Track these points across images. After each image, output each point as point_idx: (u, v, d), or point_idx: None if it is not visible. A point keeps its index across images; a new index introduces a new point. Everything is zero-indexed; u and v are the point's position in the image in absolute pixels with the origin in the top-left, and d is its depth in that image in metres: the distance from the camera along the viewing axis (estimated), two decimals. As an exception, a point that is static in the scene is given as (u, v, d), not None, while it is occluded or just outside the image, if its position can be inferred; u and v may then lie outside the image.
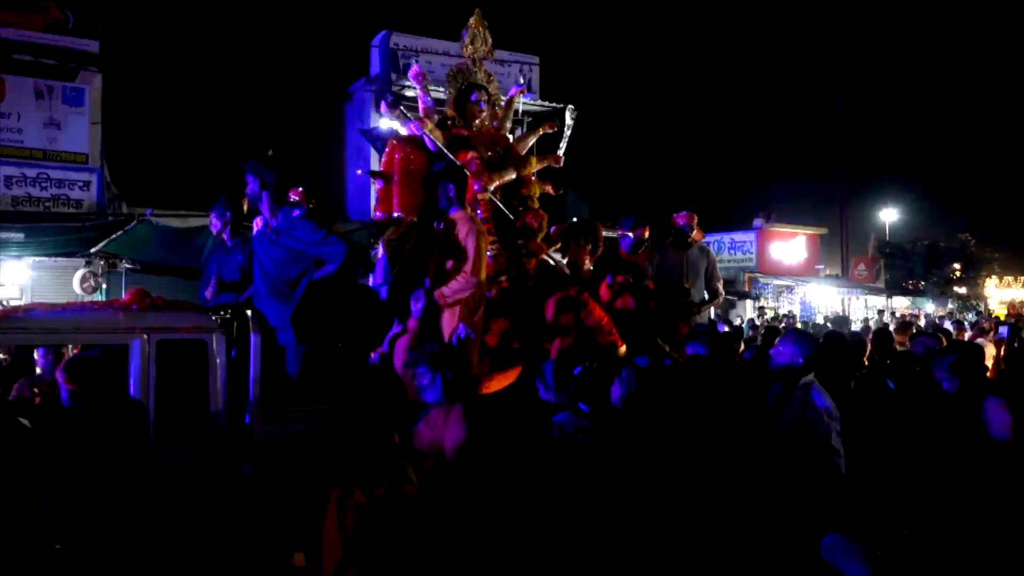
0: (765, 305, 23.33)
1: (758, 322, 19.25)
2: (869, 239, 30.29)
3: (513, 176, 5.73)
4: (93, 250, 12.81)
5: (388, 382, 4.45)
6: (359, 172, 5.79)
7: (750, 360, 5.05)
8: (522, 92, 6.35)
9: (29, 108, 14.14)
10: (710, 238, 26.56)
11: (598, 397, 3.97)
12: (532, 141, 6.38)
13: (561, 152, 6.22)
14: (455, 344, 4.49)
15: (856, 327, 15.66)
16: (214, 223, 5.38)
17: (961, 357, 3.94)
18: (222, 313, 4.80)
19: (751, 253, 25.55)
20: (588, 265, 5.91)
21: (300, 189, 5.55)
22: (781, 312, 21.69)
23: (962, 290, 28.61)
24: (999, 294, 29.34)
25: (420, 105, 5.61)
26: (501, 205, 5.55)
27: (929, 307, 26.57)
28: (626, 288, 5.72)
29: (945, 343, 6.00)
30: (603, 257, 6.07)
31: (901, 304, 26.76)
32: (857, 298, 26.34)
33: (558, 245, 6.08)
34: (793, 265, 26.03)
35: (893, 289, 27.88)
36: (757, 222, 25.83)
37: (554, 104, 20.04)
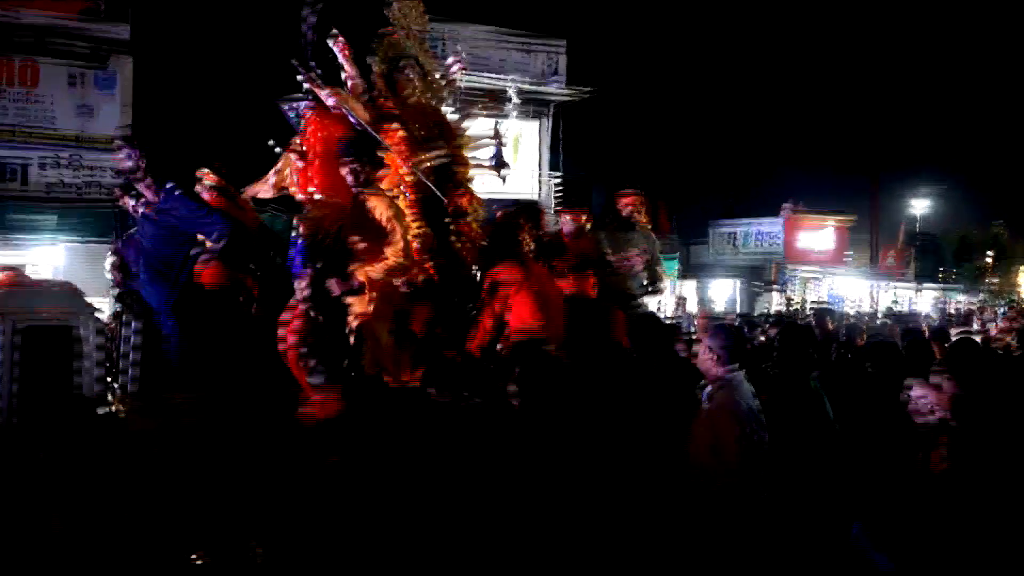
0: (792, 295, 23.10)
1: (783, 312, 19.13)
2: (899, 228, 29.85)
3: (444, 153, 5.36)
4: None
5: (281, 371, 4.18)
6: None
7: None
8: (463, 66, 5.83)
9: (62, 93, 14.37)
10: (737, 227, 26.39)
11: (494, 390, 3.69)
12: (471, 119, 5.94)
13: (503, 130, 5.83)
14: (359, 329, 4.24)
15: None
16: (129, 205, 5.09)
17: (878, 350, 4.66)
18: (121, 297, 4.62)
19: (778, 242, 25.29)
20: (531, 251, 5.51)
21: (206, 169, 5.31)
22: (809, 301, 21.46)
23: (995, 281, 28.12)
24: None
25: (348, 79, 5.20)
26: (431, 185, 5.18)
27: (960, 298, 26.17)
28: (564, 274, 5.45)
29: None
30: (548, 243, 5.69)
31: (931, 295, 26.38)
32: (886, 289, 26.02)
33: None
34: (821, 254, 25.72)
35: (923, 279, 27.47)
36: (785, 209, 25.55)
37: (580, 89, 20.00)
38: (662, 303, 18.88)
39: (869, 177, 28.22)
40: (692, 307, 21.16)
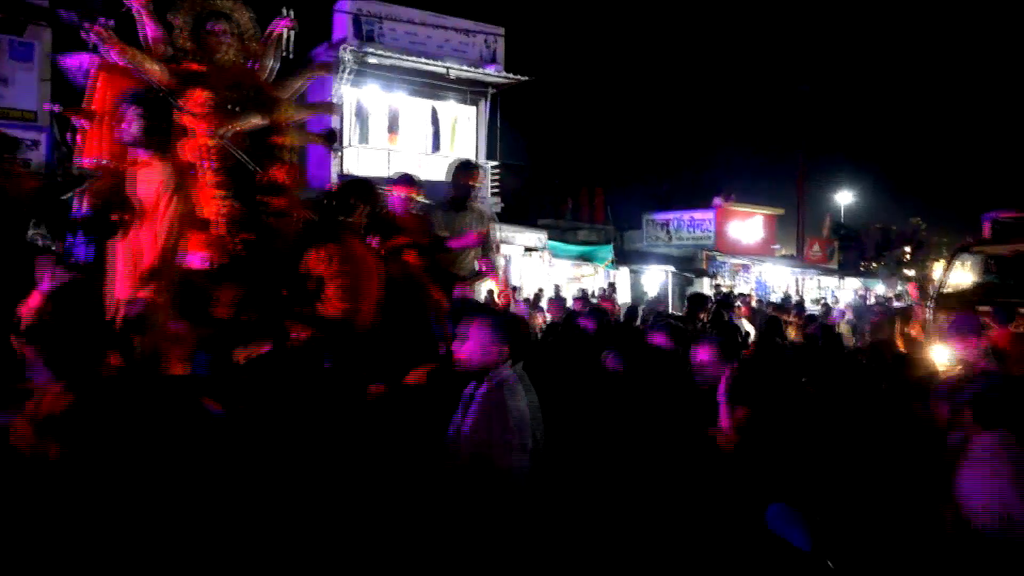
0: (721, 283, 23.68)
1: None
2: (824, 221, 30.93)
3: (259, 122, 4.92)
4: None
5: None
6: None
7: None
8: (290, 27, 5.28)
9: (-27, 63, 13.63)
10: (670, 216, 26.84)
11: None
12: (300, 85, 5.51)
13: (334, 99, 5.54)
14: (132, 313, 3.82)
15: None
16: None
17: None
18: None
19: (710, 231, 25.86)
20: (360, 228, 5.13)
21: None
22: (737, 291, 22.04)
23: (911, 272, 29.44)
24: (947, 277, 30.19)
25: (149, 34, 4.70)
26: (242, 155, 4.79)
27: (880, 288, 27.27)
28: (390, 253, 5.25)
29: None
30: (377, 220, 5.34)
31: (853, 285, 27.42)
32: (811, 278, 26.93)
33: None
34: (750, 244, 26.40)
35: (846, 270, 28.52)
36: (717, 201, 26.15)
37: (516, 77, 19.95)
38: (594, 291, 19.13)
39: (797, 171, 29.07)
40: (625, 295, 21.50)
